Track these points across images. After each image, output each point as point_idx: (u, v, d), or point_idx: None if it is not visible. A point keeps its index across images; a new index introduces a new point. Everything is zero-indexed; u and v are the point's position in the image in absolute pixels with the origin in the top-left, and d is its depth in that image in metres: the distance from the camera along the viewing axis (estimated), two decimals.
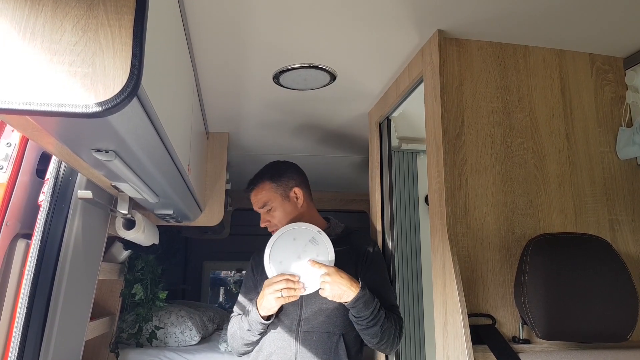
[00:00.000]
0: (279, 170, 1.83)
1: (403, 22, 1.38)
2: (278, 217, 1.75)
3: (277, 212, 1.75)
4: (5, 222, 1.60)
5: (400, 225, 2.17)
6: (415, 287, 2.11)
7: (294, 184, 1.81)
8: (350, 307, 1.49)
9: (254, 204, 1.81)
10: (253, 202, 1.81)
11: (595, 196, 1.48)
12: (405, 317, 2.00)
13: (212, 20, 1.36)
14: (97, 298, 2.35)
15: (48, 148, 1.21)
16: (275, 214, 1.76)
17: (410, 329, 2.02)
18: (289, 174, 1.83)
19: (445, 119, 1.40)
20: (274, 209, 1.76)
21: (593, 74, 1.57)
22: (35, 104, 0.73)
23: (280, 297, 1.50)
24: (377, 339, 1.54)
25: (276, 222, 1.75)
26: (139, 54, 0.76)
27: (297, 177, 1.84)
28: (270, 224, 1.77)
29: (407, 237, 2.20)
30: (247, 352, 1.73)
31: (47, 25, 0.76)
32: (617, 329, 1.19)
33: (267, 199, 1.76)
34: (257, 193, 1.79)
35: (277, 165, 1.87)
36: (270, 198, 1.76)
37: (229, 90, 1.88)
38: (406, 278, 2.11)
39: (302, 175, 1.87)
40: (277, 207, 1.76)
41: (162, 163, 1.26)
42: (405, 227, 2.20)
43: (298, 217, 1.76)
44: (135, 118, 0.90)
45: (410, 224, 2.22)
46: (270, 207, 1.76)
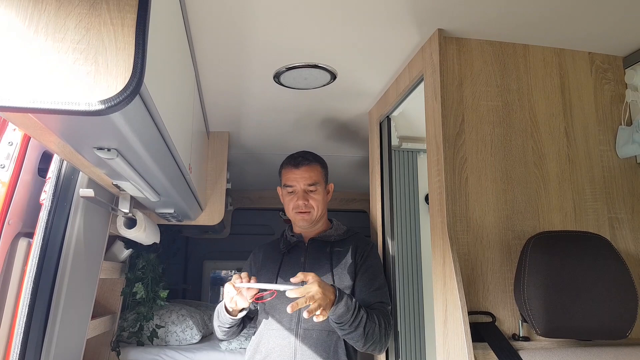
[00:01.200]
0: (324, 161, 1.89)
1: (403, 21, 1.39)
2: (318, 200, 1.78)
3: (319, 196, 1.79)
4: (7, 221, 1.61)
5: (401, 224, 2.17)
6: (416, 286, 2.11)
7: (329, 180, 1.89)
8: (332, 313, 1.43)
9: (300, 179, 1.77)
10: (301, 177, 1.77)
11: (595, 194, 1.48)
12: (405, 315, 2.00)
13: (213, 20, 1.37)
14: (99, 297, 2.36)
15: (50, 146, 1.21)
16: (317, 197, 1.78)
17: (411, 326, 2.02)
18: (327, 169, 1.90)
19: (445, 117, 1.40)
20: (318, 192, 1.79)
21: (593, 72, 1.58)
22: (38, 102, 0.73)
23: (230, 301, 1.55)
24: (363, 342, 1.50)
25: (314, 205, 1.77)
26: (142, 52, 0.76)
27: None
28: (307, 205, 1.77)
29: (407, 236, 2.20)
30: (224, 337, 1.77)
31: (50, 23, 0.76)
32: (617, 326, 1.19)
33: (317, 179, 1.79)
34: (310, 169, 1.79)
35: (322, 158, 1.90)
36: (319, 180, 1.80)
37: (230, 89, 1.88)
38: (406, 277, 2.11)
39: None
40: (320, 192, 1.80)
41: (163, 161, 1.26)
42: (405, 226, 2.20)
43: (325, 209, 1.83)
44: (138, 116, 0.90)
45: (410, 223, 2.23)
46: (316, 189, 1.78)
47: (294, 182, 1.78)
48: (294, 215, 1.79)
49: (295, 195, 1.78)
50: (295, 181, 1.78)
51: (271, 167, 3.26)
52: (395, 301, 1.81)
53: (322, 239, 1.80)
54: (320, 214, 1.79)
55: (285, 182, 1.81)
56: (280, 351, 1.61)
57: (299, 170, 1.78)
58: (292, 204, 1.78)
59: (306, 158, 1.81)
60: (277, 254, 1.82)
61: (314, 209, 1.77)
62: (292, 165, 1.80)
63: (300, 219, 1.78)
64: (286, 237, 1.86)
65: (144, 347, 2.68)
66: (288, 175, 1.80)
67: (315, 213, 1.77)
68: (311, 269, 1.70)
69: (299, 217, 1.78)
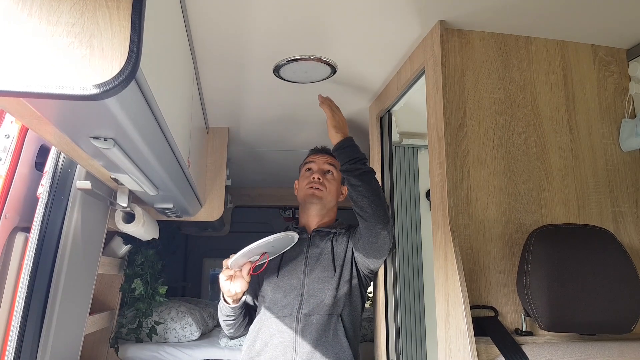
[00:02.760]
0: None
1: (404, 13, 1.37)
2: (330, 187, 1.87)
3: (333, 182, 1.89)
4: (3, 215, 1.59)
5: (402, 220, 2.16)
6: (417, 281, 2.10)
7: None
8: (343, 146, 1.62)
9: (320, 159, 1.92)
10: (323, 158, 1.92)
11: (598, 188, 1.47)
12: (406, 310, 1.99)
13: (212, 11, 1.35)
14: (97, 293, 2.34)
15: (47, 137, 1.20)
16: (332, 183, 1.88)
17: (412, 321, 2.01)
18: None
19: (447, 110, 1.39)
20: (334, 177, 1.89)
21: (596, 65, 1.56)
22: (32, 86, 0.72)
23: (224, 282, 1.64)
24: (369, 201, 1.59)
25: (326, 185, 1.86)
26: (138, 36, 0.75)
27: None
28: (321, 186, 1.85)
29: (408, 232, 2.19)
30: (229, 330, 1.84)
31: (44, 6, 0.74)
32: (621, 320, 1.18)
33: (334, 168, 1.90)
34: (331, 158, 1.92)
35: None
36: (337, 170, 1.88)
37: (229, 82, 1.86)
38: (407, 272, 2.10)
39: None
40: (336, 180, 1.90)
41: (161, 153, 1.25)
42: (406, 222, 2.19)
43: (336, 200, 1.91)
44: (134, 104, 0.89)
45: (411, 219, 2.21)
46: (333, 174, 1.90)
47: (314, 159, 1.92)
48: (306, 190, 1.86)
49: (311, 173, 1.88)
50: (315, 161, 1.92)
51: (271, 164, 3.25)
52: (396, 296, 1.80)
53: (325, 231, 1.85)
54: (329, 200, 1.87)
55: (306, 162, 1.94)
56: (281, 337, 1.62)
57: (322, 154, 1.94)
58: (307, 180, 1.87)
59: (331, 151, 1.92)
60: None
61: (325, 190, 1.85)
62: (316, 152, 1.97)
63: (311, 194, 1.84)
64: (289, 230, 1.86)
65: (142, 344, 2.67)
66: (310, 158, 1.95)
67: (327, 195, 1.86)
68: (314, 260, 1.73)
69: (310, 192, 1.85)
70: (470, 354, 1.13)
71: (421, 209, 2.23)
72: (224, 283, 1.65)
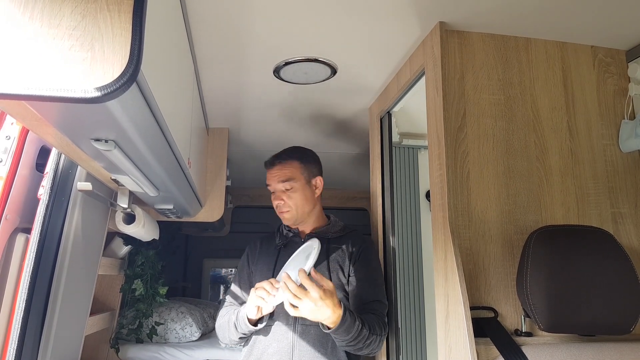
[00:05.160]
0: (307, 155, 1.82)
1: (404, 14, 1.38)
2: (295, 198, 1.72)
3: (297, 193, 1.72)
4: (4, 216, 1.59)
5: (401, 221, 2.16)
6: (416, 282, 2.10)
7: (317, 173, 1.81)
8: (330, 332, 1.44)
9: (274, 178, 1.74)
10: (274, 175, 1.74)
11: (598, 189, 1.47)
12: (406, 311, 1.99)
13: (212, 13, 1.35)
14: (97, 293, 2.35)
15: (47, 139, 1.20)
16: (294, 195, 1.72)
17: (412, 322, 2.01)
18: (315, 162, 1.83)
19: (447, 111, 1.39)
20: (294, 189, 1.72)
21: (595, 66, 1.56)
22: (33, 89, 0.72)
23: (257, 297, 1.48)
24: (358, 352, 1.56)
25: (291, 204, 1.72)
26: (139, 39, 0.75)
27: (320, 168, 1.85)
28: (284, 204, 1.73)
29: (408, 233, 2.19)
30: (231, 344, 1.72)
31: (46, 9, 0.75)
32: (620, 321, 1.18)
33: (291, 176, 1.73)
34: (283, 167, 1.74)
35: (306, 150, 1.85)
36: (295, 176, 1.73)
37: (229, 83, 1.87)
38: (407, 274, 2.10)
39: (321, 169, 1.87)
40: (299, 189, 1.73)
41: (162, 154, 1.25)
42: (406, 223, 2.19)
43: (312, 206, 1.76)
44: (135, 106, 0.89)
45: (411, 220, 2.22)
46: (292, 187, 1.72)
47: (269, 181, 1.77)
48: (278, 214, 1.78)
49: (273, 195, 1.77)
50: (270, 180, 1.77)
51: None
52: (396, 297, 1.80)
53: (319, 236, 1.75)
54: (302, 211, 1.74)
55: (266, 182, 1.79)
56: (278, 346, 1.60)
57: (273, 169, 1.77)
58: (274, 203, 1.77)
59: (280, 156, 1.78)
60: (273, 249, 1.80)
61: (292, 208, 1.72)
62: (268, 165, 1.79)
63: (282, 218, 1.77)
64: (282, 232, 1.83)
65: (143, 344, 2.67)
66: (267, 174, 1.79)
67: (295, 212, 1.73)
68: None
69: (281, 216, 1.77)
70: (470, 354, 1.14)
71: (421, 210, 2.23)
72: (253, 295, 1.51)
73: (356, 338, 1.46)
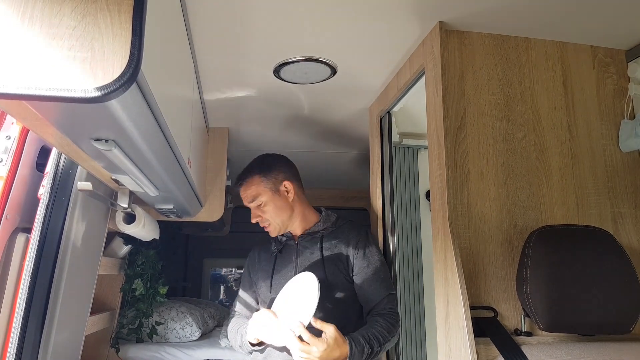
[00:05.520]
0: (268, 164, 1.79)
1: (404, 14, 1.38)
2: (269, 211, 1.73)
3: (268, 206, 1.73)
4: (4, 216, 1.59)
5: (401, 221, 2.17)
6: (416, 282, 2.10)
7: (284, 177, 1.77)
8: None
9: (243, 200, 1.78)
10: (242, 197, 1.78)
11: (598, 189, 1.47)
12: (406, 311, 1.99)
13: (212, 13, 1.35)
14: (98, 293, 2.34)
15: (48, 139, 1.20)
16: (266, 208, 1.73)
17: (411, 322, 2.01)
18: (278, 167, 1.79)
19: (446, 111, 1.39)
20: (264, 204, 1.73)
21: (595, 66, 1.57)
22: (34, 89, 0.72)
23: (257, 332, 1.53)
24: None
25: (267, 218, 1.74)
26: (139, 39, 0.75)
27: (287, 170, 1.80)
28: (262, 219, 1.75)
29: (408, 232, 2.19)
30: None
31: (46, 9, 0.75)
32: (620, 321, 1.18)
33: (256, 194, 1.73)
34: (246, 188, 1.76)
35: (265, 159, 1.83)
36: (259, 192, 1.73)
37: (229, 83, 1.87)
38: (407, 273, 2.11)
39: (292, 168, 1.84)
40: (268, 202, 1.73)
41: (162, 154, 1.25)
42: (406, 222, 2.19)
43: (289, 212, 1.74)
44: (135, 106, 0.89)
45: (411, 219, 2.22)
46: (261, 202, 1.73)
47: (243, 201, 1.80)
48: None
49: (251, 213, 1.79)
50: (243, 200, 1.80)
51: None
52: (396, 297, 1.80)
53: (311, 234, 1.75)
54: (281, 221, 1.74)
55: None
56: (280, 352, 1.60)
57: (241, 190, 1.79)
58: (252, 221, 1.79)
59: (241, 176, 1.80)
60: (270, 255, 1.80)
61: (270, 221, 1.74)
62: (236, 187, 1.81)
63: (268, 232, 1.78)
64: (277, 237, 1.82)
65: (143, 344, 2.67)
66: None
67: (274, 224, 1.74)
68: (302, 268, 1.68)
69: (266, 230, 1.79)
70: (470, 354, 1.14)
71: (421, 210, 2.24)
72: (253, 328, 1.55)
73: (369, 356, 1.48)
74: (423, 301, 2.07)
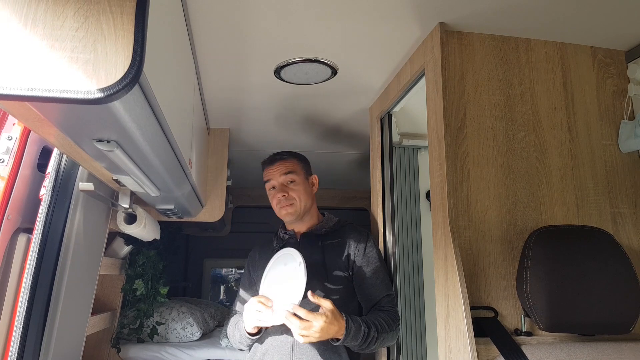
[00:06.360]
0: (303, 157, 1.91)
1: (404, 15, 1.38)
2: (298, 190, 1.78)
3: (299, 186, 1.79)
4: (6, 216, 1.60)
5: (402, 221, 2.17)
6: (417, 283, 2.10)
7: (312, 173, 1.91)
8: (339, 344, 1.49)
9: (275, 172, 1.80)
10: (276, 170, 1.81)
11: (598, 189, 1.48)
12: (406, 311, 1.99)
13: (214, 14, 1.36)
14: (99, 293, 2.35)
15: (49, 139, 1.21)
16: (296, 187, 1.79)
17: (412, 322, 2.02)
18: (309, 164, 1.92)
19: (447, 111, 1.39)
20: (297, 182, 1.79)
21: (595, 67, 1.57)
22: (37, 90, 0.73)
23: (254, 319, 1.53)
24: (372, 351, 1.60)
25: (294, 196, 1.77)
26: (141, 41, 0.76)
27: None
28: (288, 196, 1.77)
29: (408, 233, 2.19)
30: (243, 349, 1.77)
31: (49, 11, 0.75)
32: (620, 321, 1.18)
33: (293, 169, 1.81)
34: (284, 162, 1.82)
35: (299, 153, 1.93)
36: (295, 169, 1.81)
37: (230, 84, 1.87)
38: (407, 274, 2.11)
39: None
40: (300, 182, 1.80)
41: (163, 155, 1.25)
42: (406, 223, 2.19)
43: (312, 201, 1.83)
44: (137, 106, 0.90)
45: (411, 220, 2.22)
46: (294, 179, 1.79)
47: (270, 176, 1.82)
48: (279, 210, 1.81)
49: (275, 190, 1.80)
50: (272, 175, 1.82)
51: None
52: (396, 297, 1.80)
53: (314, 233, 1.80)
54: (304, 205, 1.79)
55: (265, 179, 1.85)
56: (279, 347, 1.61)
57: (274, 166, 1.82)
58: (275, 199, 1.80)
59: (280, 153, 1.86)
60: (270, 253, 1.81)
61: (296, 200, 1.77)
62: (268, 163, 1.85)
63: (285, 214, 1.79)
64: (279, 235, 1.87)
65: (144, 344, 2.68)
66: (266, 172, 1.85)
67: (299, 204, 1.77)
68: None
69: (283, 212, 1.79)
70: (470, 354, 1.14)
71: (421, 210, 2.24)
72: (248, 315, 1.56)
73: (365, 341, 1.49)
74: (423, 301, 2.07)
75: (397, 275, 1.86)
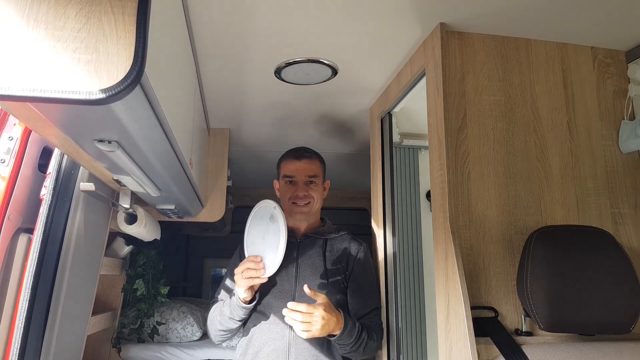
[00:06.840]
0: (323, 159, 1.94)
1: (405, 16, 1.38)
2: (317, 192, 1.82)
3: (318, 187, 1.83)
4: (7, 216, 1.60)
5: (402, 221, 2.17)
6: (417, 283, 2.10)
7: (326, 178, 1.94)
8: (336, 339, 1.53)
9: (301, 170, 1.82)
10: (303, 168, 1.83)
11: (598, 189, 1.48)
12: (406, 312, 2.00)
13: (214, 15, 1.36)
14: (99, 293, 2.35)
15: (50, 140, 1.21)
16: (317, 189, 1.82)
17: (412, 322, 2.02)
18: (326, 167, 1.95)
19: (447, 112, 1.40)
20: (317, 185, 1.83)
21: (595, 67, 1.57)
22: (38, 91, 0.73)
23: (247, 279, 1.54)
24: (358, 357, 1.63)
25: (313, 196, 1.81)
26: (143, 41, 0.76)
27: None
28: (308, 195, 1.80)
29: (408, 233, 2.20)
30: (222, 340, 1.76)
31: (51, 11, 0.75)
32: (620, 321, 1.19)
33: (317, 172, 1.85)
34: (311, 162, 1.85)
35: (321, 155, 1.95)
36: (318, 174, 1.85)
37: (231, 84, 1.87)
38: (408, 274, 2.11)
39: None
40: (320, 185, 1.85)
41: (164, 155, 1.26)
42: (406, 223, 2.20)
43: (321, 204, 1.87)
44: (138, 107, 0.90)
45: (411, 220, 2.22)
46: (316, 182, 1.83)
47: (294, 172, 1.82)
48: (290, 206, 1.81)
49: (294, 186, 1.81)
50: (296, 172, 1.82)
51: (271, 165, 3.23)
52: (396, 297, 1.81)
53: (316, 235, 1.82)
54: (317, 206, 1.83)
55: (286, 173, 1.84)
56: (274, 346, 1.61)
57: (300, 162, 1.83)
58: (290, 194, 1.80)
59: (307, 151, 1.87)
60: None
61: (314, 199, 1.80)
62: (293, 157, 1.85)
63: (298, 211, 1.80)
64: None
65: (144, 344, 2.68)
66: (289, 166, 1.84)
67: (313, 204, 1.81)
68: (304, 266, 1.71)
69: (296, 209, 1.79)
70: (471, 354, 1.14)
71: (421, 210, 2.24)
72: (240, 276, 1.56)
73: (357, 340, 1.54)
74: (424, 301, 2.07)
75: (397, 275, 1.86)
